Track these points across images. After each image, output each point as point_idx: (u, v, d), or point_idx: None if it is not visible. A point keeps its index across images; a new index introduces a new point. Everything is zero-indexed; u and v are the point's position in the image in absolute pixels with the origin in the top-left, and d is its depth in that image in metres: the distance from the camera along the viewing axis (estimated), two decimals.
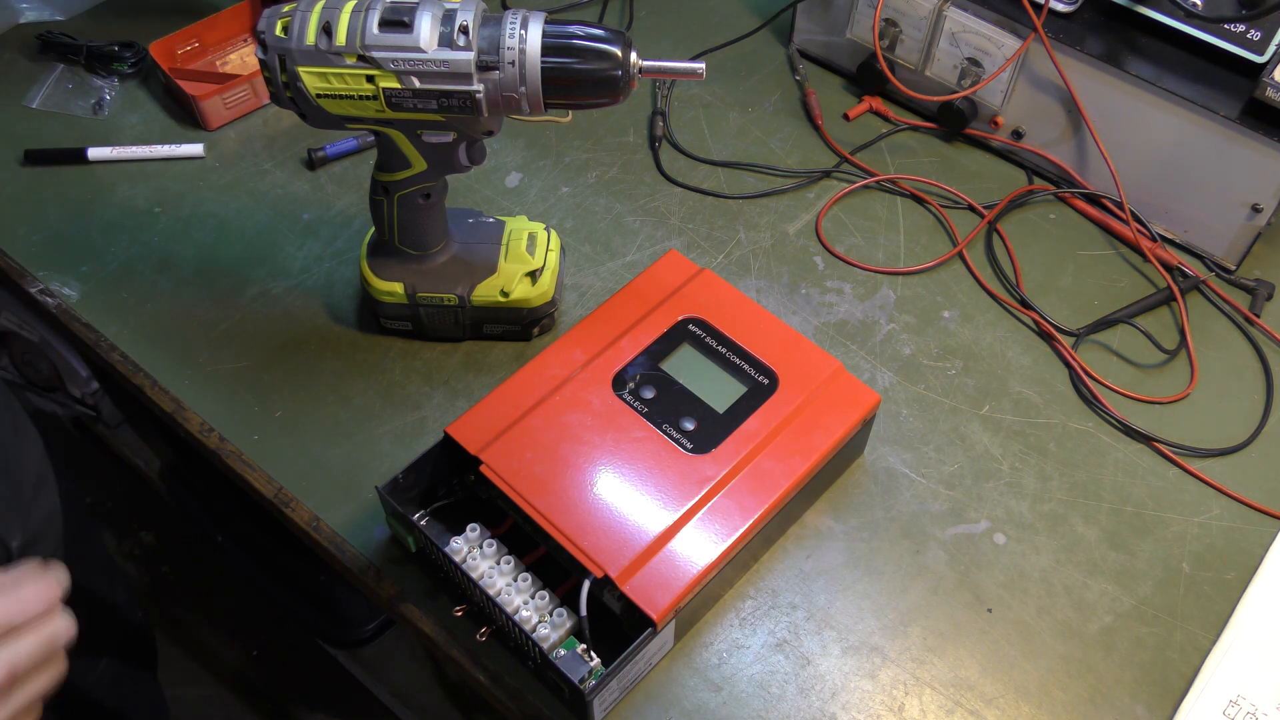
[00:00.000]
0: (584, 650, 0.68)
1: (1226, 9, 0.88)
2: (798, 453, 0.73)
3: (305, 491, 0.80)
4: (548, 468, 0.71)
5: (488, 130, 0.74)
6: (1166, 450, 0.84)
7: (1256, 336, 0.92)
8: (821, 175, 1.03)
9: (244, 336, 0.89)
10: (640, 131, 1.06)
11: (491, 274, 0.83)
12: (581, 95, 0.70)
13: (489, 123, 0.73)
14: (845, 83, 1.11)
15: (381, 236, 0.83)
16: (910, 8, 1.00)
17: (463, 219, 0.86)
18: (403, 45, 0.68)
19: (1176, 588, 0.77)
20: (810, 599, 0.76)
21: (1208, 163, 0.91)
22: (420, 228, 0.81)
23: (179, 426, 0.84)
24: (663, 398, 0.75)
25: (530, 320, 0.86)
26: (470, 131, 0.73)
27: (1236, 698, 0.71)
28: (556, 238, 0.86)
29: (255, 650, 1.55)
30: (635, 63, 0.69)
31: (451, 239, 0.84)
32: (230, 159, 1.02)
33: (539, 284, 0.83)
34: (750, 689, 0.72)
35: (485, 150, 0.77)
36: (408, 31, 0.68)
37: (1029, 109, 1.00)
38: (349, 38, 0.68)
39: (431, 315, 0.85)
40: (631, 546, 0.68)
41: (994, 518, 0.80)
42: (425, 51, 0.68)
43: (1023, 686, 0.73)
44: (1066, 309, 0.93)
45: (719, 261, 0.96)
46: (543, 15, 0.69)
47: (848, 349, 0.90)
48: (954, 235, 0.98)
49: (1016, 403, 0.87)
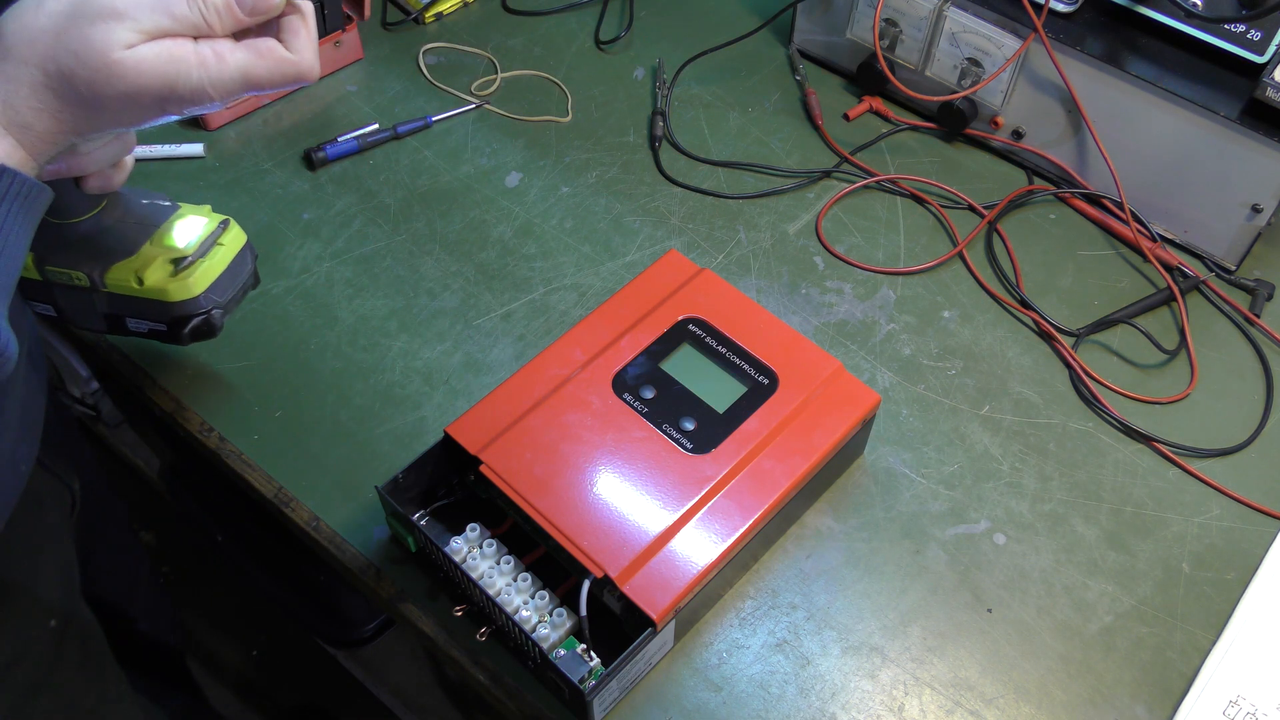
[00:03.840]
0: (584, 650, 0.68)
1: (1226, 9, 0.88)
2: (798, 453, 0.73)
3: (305, 491, 0.80)
4: (548, 468, 0.71)
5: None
6: (1166, 450, 0.84)
7: (1256, 336, 0.92)
8: (821, 175, 1.03)
9: (244, 336, 0.89)
10: (640, 131, 1.06)
11: (130, 256, 0.72)
12: None
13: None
14: (845, 83, 1.11)
15: None
16: (910, 8, 1.00)
17: (137, 198, 0.75)
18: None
19: (1176, 588, 0.77)
20: (810, 599, 0.76)
21: (1208, 163, 0.91)
22: (54, 184, 0.68)
23: (179, 426, 0.84)
24: (663, 398, 0.75)
25: (177, 319, 0.74)
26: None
27: (1236, 698, 0.71)
28: (238, 234, 0.76)
29: (255, 650, 1.55)
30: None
31: (105, 212, 0.73)
32: (230, 159, 1.02)
33: (184, 275, 0.72)
34: (750, 689, 0.72)
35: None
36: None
37: (1029, 109, 1.00)
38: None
39: (67, 297, 0.75)
40: (631, 546, 0.68)
41: (994, 518, 0.80)
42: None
43: (1022, 686, 0.73)
44: (1066, 309, 0.93)
45: (719, 261, 0.96)
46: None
47: (848, 349, 0.90)
48: (954, 235, 0.98)
49: (1016, 403, 0.87)
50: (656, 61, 1.12)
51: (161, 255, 0.72)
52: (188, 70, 0.52)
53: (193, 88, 0.53)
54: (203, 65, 0.52)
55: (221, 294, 0.75)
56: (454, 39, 1.14)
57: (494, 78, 1.10)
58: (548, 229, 0.98)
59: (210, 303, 0.75)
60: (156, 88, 0.52)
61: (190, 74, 0.52)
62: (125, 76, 0.51)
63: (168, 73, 0.52)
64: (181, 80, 0.52)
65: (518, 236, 0.97)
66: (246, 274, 0.78)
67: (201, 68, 0.52)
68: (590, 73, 1.11)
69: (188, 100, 0.53)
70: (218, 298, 0.75)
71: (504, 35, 1.14)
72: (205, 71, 0.53)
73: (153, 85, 0.52)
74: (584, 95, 1.09)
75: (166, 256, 0.72)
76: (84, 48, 0.50)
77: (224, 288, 0.75)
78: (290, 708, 1.52)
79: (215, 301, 0.75)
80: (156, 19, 0.51)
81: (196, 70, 0.52)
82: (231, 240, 0.75)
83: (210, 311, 0.75)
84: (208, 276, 0.73)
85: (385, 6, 1.16)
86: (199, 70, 0.52)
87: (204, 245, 0.74)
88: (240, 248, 0.76)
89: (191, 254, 0.73)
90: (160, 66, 0.51)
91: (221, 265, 0.75)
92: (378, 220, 0.97)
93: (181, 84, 0.52)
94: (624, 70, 1.12)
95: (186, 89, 0.53)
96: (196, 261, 0.73)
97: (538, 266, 0.95)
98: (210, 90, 0.53)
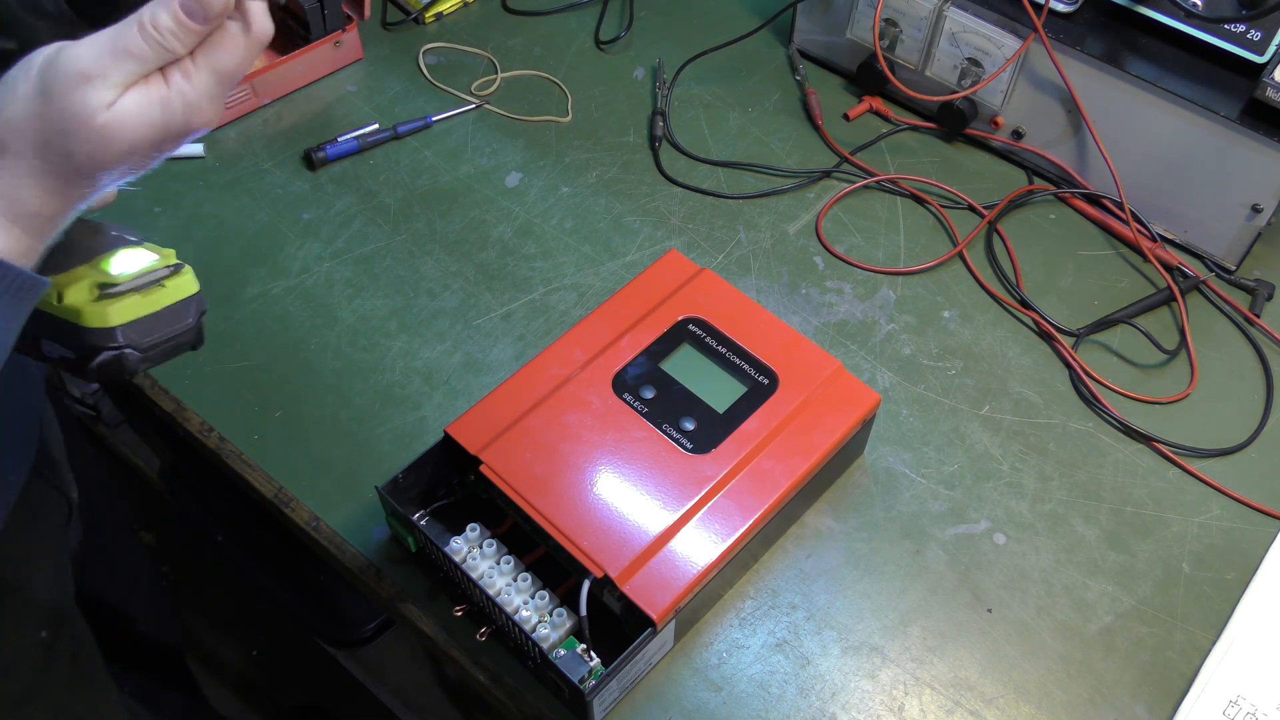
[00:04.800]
0: (584, 650, 0.68)
1: (1226, 9, 0.88)
2: (798, 453, 0.73)
3: (305, 491, 0.80)
4: (548, 468, 0.71)
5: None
6: (1166, 450, 0.84)
7: (1256, 336, 0.92)
8: (821, 175, 1.03)
9: (244, 336, 0.89)
10: (640, 131, 1.06)
11: (63, 272, 0.66)
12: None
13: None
14: (845, 83, 1.11)
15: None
16: (910, 8, 1.00)
17: (106, 228, 0.70)
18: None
19: (1176, 588, 0.77)
20: (810, 599, 0.76)
21: (1208, 163, 0.91)
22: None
23: (179, 426, 0.84)
24: (663, 398, 0.75)
25: (86, 349, 0.66)
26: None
27: (1236, 698, 0.71)
28: (189, 283, 0.69)
29: (255, 650, 1.55)
30: None
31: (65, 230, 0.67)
32: (230, 159, 1.02)
33: (105, 302, 0.65)
34: (750, 689, 0.72)
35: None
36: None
37: (1029, 109, 1.00)
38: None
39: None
40: (631, 546, 0.68)
41: (994, 518, 0.80)
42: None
43: (1023, 686, 0.73)
44: (1066, 309, 0.93)
45: (719, 261, 0.96)
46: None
47: (848, 349, 0.90)
48: (954, 235, 0.98)
49: (1016, 403, 0.87)
50: (656, 61, 1.12)
51: (90, 277, 0.66)
52: (170, 103, 0.52)
53: (181, 119, 0.52)
54: (180, 92, 0.52)
55: (142, 335, 0.67)
56: (454, 39, 1.14)
57: (494, 78, 1.10)
58: (548, 229, 0.98)
59: (127, 339, 0.66)
60: (151, 135, 0.52)
61: (174, 106, 0.52)
62: (118, 134, 0.51)
63: (154, 116, 0.51)
64: (169, 116, 0.52)
65: (518, 236, 0.97)
66: (183, 327, 0.70)
67: (180, 95, 0.52)
68: (590, 73, 1.11)
69: (183, 132, 0.53)
70: (136, 337, 0.67)
71: (504, 35, 1.14)
72: (184, 97, 0.52)
73: (147, 134, 0.52)
74: (584, 95, 1.09)
75: (94, 280, 0.66)
76: (70, 121, 0.50)
77: (147, 330, 0.68)
78: (290, 708, 1.52)
79: (132, 340, 0.66)
80: (124, 66, 0.50)
81: (178, 99, 0.52)
82: (176, 286, 0.68)
83: (124, 349, 0.66)
84: (130, 311, 0.66)
85: (385, 6, 1.16)
86: (179, 99, 0.52)
87: (140, 279, 0.67)
88: (184, 297, 0.69)
89: (123, 283, 0.66)
90: (146, 112, 0.51)
91: (152, 306, 0.67)
92: (378, 220, 0.97)
93: (171, 120, 0.52)
94: (624, 70, 1.12)
95: (177, 122, 0.52)
96: (126, 293, 0.66)
97: (538, 266, 0.95)
98: (196, 113, 0.53)
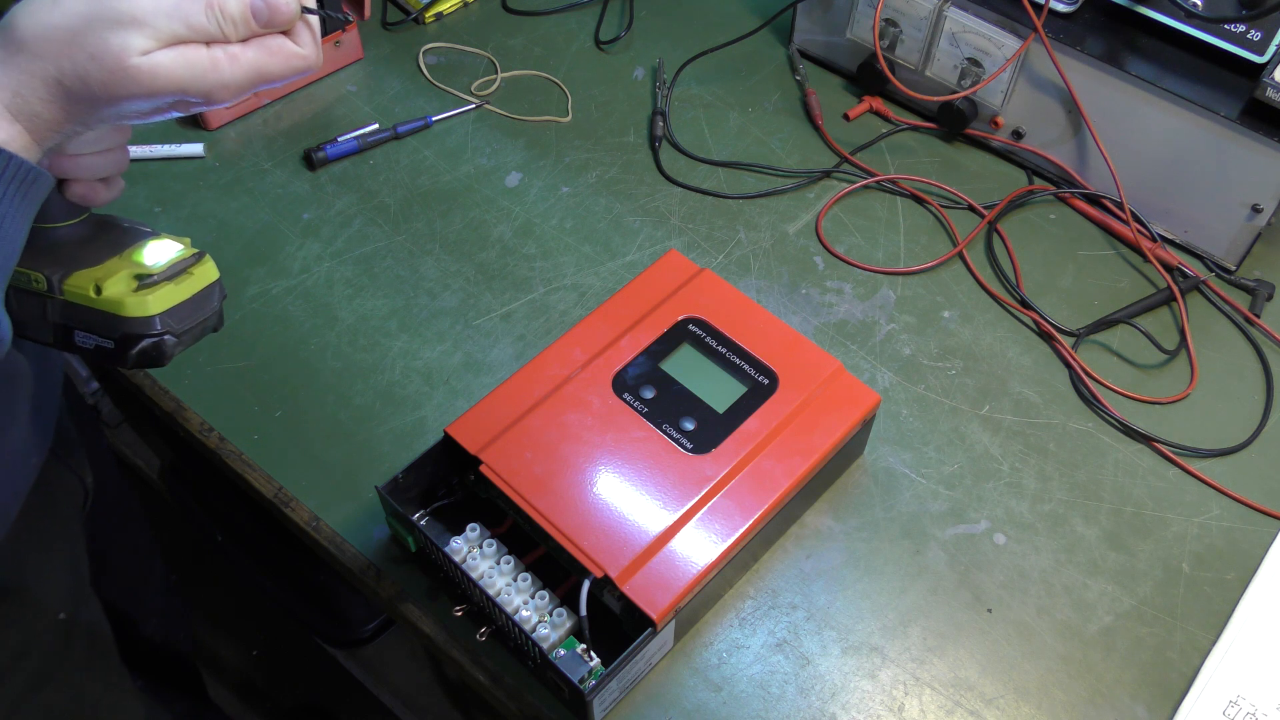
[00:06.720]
0: (584, 650, 0.68)
1: (1226, 9, 0.88)
2: (798, 453, 0.73)
3: (305, 491, 0.80)
4: (548, 468, 0.71)
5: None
6: (1166, 450, 0.84)
7: (1256, 336, 0.92)
8: (821, 175, 1.03)
9: (244, 336, 0.89)
10: (640, 131, 1.06)
11: (94, 266, 0.71)
12: None
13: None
14: (845, 83, 1.11)
15: None
16: (910, 8, 1.00)
17: (120, 221, 0.75)
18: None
19: (1176, 588, 0.77)
20: (810, 599, 0.76)
21: (1208, 163, 0.91)
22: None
23: (179, 426, 0.84)
24: (663, 398, 0.75)
25: (127, 337, 0.71)
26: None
27: (1236, 698, 0.71)
28: (210, 269, 0.74)
29: (255, 650, 1.55)
30: None
31: (82, 224, 0.72)
32: (230, 159, 1.02)
33: (145, 292, 0.70)
34: (750, 689, 0.72)
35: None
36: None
37: (1029, 109, 1.00)
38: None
39: (20, 301, 0.73)
40: (631, 546, 0.68)
41: (994, 518, 0.80)
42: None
43: (1023, 686, 0.73)
44: (1066, 309, 0.93)
45: (719, 261, 0.96)
46: None
47: (848, 349, 0.90)
48: (954, 235, 0.98)
49: (1016, 403, 0.87)
50: (656, 61, 1.12)
51: (126, 269, 0.70)
52: (202, 74, 0.54)
53: (205, 90, 0.54)
54: (216, 69, 0.54)
55: (179, 322, 0.72)
56: (454, 39, 1.14)
57: (494, 78, 1.10)
58: (548, 229, 0.98)
59: (165, 327, 0.71)
60: (170, 91, 0.53)
61: (205, 78, 0.54)
62: (140, 81, 0.52)
63: (183, 77, 0.53)
64: (195, 84, 0.54)
65: (518, 236, 0.97)
66: (210, 311, 0.75)
67: (215, 71, 0.54)
68: (590, 73, 1.11)
69: (199, 101, 0.55)
70: (174, 324, 0.71)
71: (504, 35, 1.14)
72: (219, 75, 0.54)
73: (167, 89, 0.53)
74: (584, 95, 1.09)
75: (131, 271, 0.70)
76: (101, 51, 0.51)
77: (183, 316, 0.72)
78: (290, 708, 1.52)
79: (170, 327, 0.71)
80: (173, 27, 0.52)
81: (211, 74, 0.54)
82: (202, 273, 0.73)
83: (163, 336, 0.71)
84: (168, 299, 0.71)
85: (385, 6, 1.16)
86: (213, 74, 0.54)
87: (172, 268, 0.72)
88: (209, 283, 0.74)
89: (157, 274, 0.70)
90: (176, 72, 0.53)
91: (186, 293, 0.72)
92: (378, 220, 0.97)
93: (194, 87, 0.54)
94: (624, 70, 1.12)
95: (199, 91, 0.54)
96: (161, 282, 0.70)
97: (538, 266, 0.95)
98: (223, 91, 0.55)
